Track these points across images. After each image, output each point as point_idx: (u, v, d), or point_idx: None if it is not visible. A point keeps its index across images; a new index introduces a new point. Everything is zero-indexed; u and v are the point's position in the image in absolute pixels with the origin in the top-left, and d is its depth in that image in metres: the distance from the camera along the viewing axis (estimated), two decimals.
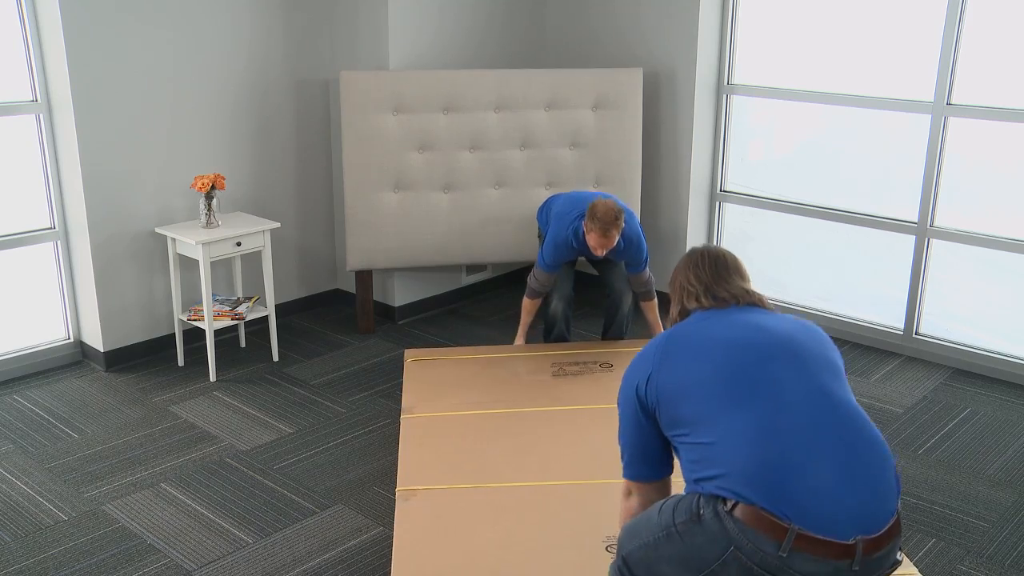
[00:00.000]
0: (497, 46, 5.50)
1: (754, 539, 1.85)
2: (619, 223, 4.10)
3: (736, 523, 1.88)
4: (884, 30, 4.82)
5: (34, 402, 4.33)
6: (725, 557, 1.90)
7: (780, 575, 1.85)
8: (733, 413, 1.97)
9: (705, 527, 1.94)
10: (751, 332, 2.14)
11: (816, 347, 2.15)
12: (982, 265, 4.73)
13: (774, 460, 1.90)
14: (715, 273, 2.34)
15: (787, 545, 1.83)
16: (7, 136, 4.38)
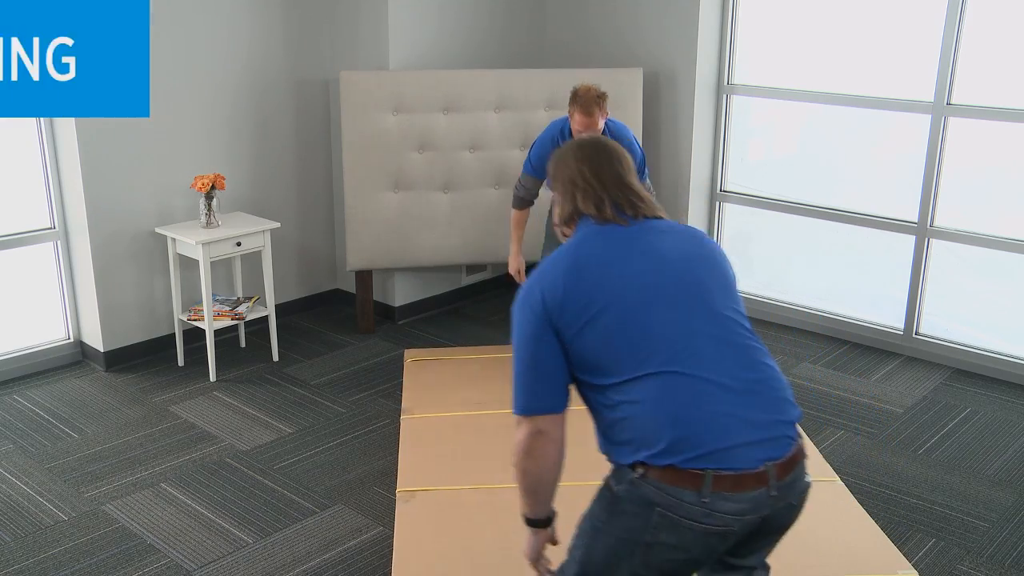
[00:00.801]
0: (497, 46, 5.50)
1: (674, 494, 1.88)
2: (602, 104, 3.93)
3: (652, 484, 1.90)
4: (884, 30, 4.82)
5: (34, 402, 4.33)
6: (653, 521, 1.91)
7: (707, 520, 1.88)
8: (635, 369, 1.94)
9: (625, 503, 1.96)
10: (652, 270, 2.03)
11: (711, 276, 2.09)
12: (982, 265, 4.73)
13: (679, 416, 1.90)
14: (612, 172, 2.15)
15: (707, 490, 1.86)
16: (7, 136, 4.38)
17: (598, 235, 2.09)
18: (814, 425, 4.17)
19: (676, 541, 1.91)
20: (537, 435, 2.03)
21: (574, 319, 1.98)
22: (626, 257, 2.04)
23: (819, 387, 4.57)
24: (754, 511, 1.91)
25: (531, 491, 2.11)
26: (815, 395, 4.48)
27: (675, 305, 2.00)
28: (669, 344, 1.95)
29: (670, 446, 1.88)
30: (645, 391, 1.92)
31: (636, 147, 4.14)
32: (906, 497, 3.63)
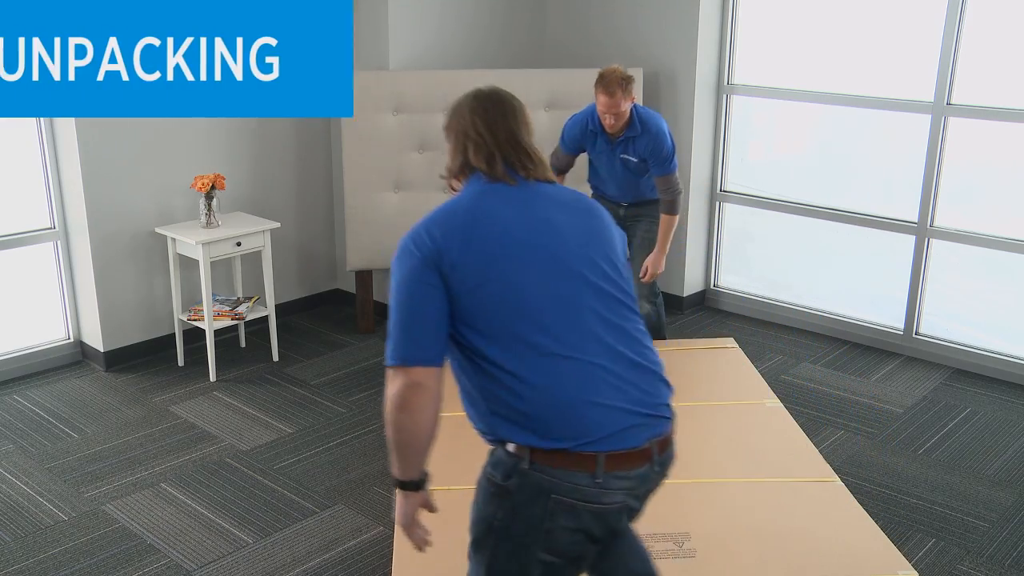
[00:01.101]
0: (497, 46, 5.50)
1: (568, 478, 1.90)
2: (625, 86, 3.96)
3: (544, 472, 1.91)
4: (884, 30, 4.82)
5: (34, 402, 4.33)
6: (549, 508, 1.92)
7: (602, 500, 1.92)
8: (523, 343, 1.93)
9: (517, 496, 1.96)
10: (549, 242, 2.00)
11: (602, 253, 2.06)
12: (982, 265, 4.73)
13: (570, 403, 1.91)
14: (506, 128, 2.09)
15: (600, 470, 1.90)
16: (7, 136, 4.38)
17: (494, 194, 2.05)
18: (814, 425, 4.17)
19: (575, 524, 1.94)
20: (414, 388, 1.92)
21: (468, 275, 1.93)
22: (524, 224, 2.00)
23: (819, 387, 4.57)
24: (643, 486, 1.99)
25: (403, 449, 2.00)
26: (815, 395, 4.48)
27: (568, 281, 1.98)
28: (560, 322, 1.94)
29: (561, 433, 1.89)
30: (534, 371, 1.92)
31: (666, 139, 4.14)
32: (906, 497, 3.63)
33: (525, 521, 1.96)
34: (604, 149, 4.25)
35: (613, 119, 4.05)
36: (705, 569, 2.94)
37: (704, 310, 5.57)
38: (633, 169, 4.24)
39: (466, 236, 1.95)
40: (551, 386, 1.91)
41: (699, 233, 5.49)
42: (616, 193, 4.41)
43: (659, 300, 4.55)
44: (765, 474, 3.51)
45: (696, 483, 3.45)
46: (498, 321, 1.93)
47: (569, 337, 1.94)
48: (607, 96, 3.96)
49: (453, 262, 1.93)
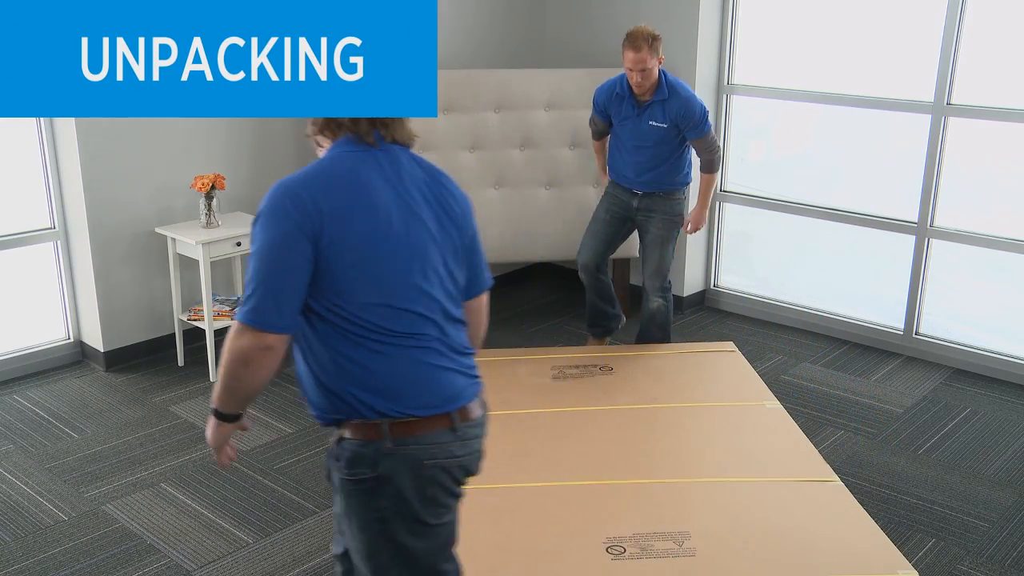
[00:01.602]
0: (497, 46, 5.50)
1: (433, 439, 2.03)
2: (652, 42, 4.06)
3: (411, 443, 2.01)
4: (884, 30, 4.82)
5: (34, 402, 4.33)
6: (425, 477, 2.03)
7: (462, 451, 2.08)
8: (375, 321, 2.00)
9: (396, 477, 2.01)
10: (412, 229, 2.05)
11: (452, 238, 2.13)
12: (982, 265, 4.73)
13: (417, 383, 2.02)
14: None
15: (458, 423, 2.06)
16: (7, 136, 4.38)
17: (367, 165, 2.07)
18: (814, 425, 4.17)
19: (447, 481, 2.08)
20: (265, 350, 1.95)
21: (344, 254, 1.96)
22: (398, 209, 2.04)
23: (819, 387, 4.57)
24: (484, 434, 2.17)
25: (234, 392, 2.05)
26: (815, 395, 4.48)
27: (425, 276, 2.05)
28: (410, 312, 2.02)
29: (415, 405, 2.01)
30: (380, 353, 1.99)
31: (696, 102, 4.22)
32: (906, 497, 3.63)
33: (411, 497, 2.02)
34: (630, 115, 4.28)
35: (640, 76, 4.10)
36: (705, 569, 2.94)
37: (704, 310, 5.57)
38: (659, 139, 4.26)
39: (348, 214, 1.97)
40: (396, 371, 2.01)
41: (699, 233, 5.49)
42: (632, 174, 4.40)
43: (669, 296, 4.57)
44: (765, 474, 3.52)
45: (696, 483, 3.46)
46: (357, 302, 1.97)
47: (416, 321, 2.03)
48: (633, 51, 4.04)
49: (332, 238, 1.95)
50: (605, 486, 3.41)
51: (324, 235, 1.94)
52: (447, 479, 2.08)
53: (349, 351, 1.99)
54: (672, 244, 4.48)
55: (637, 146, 4.33)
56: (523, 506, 3.29)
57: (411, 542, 2.07)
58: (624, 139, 4.38)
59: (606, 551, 3.01)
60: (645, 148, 4.31)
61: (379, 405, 1.99)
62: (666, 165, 4.33)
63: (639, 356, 4.54)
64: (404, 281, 2.02)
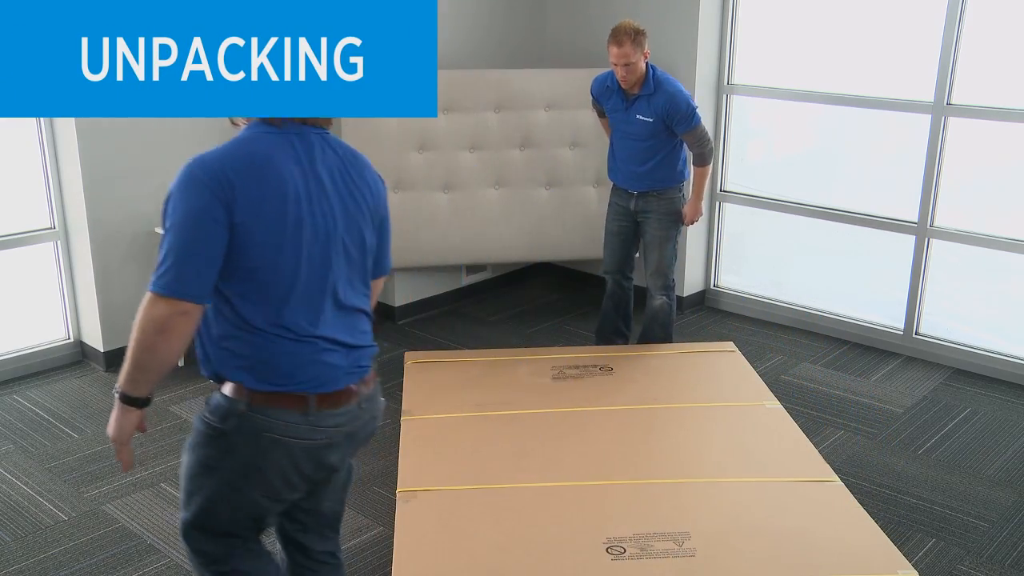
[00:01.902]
0: (497, 46, 5.50)
1: (282, 416, 2.08)
2: (635, 37, 4.10)
3: (260, 412, 2.08)
4: (884, 30, 4.82)
5: (34, 402, 4.33)
6: (263, 446, 2.08)
7: (313, 436, 2.12)
8: (269, 303, 2.06)
9: (235, 437, 2.09)
10: (320, 219, 2.11)
11: (362, 230, 2.20)
12: (982, 265, 4.73)
13: (295, 366, 2.09)
14: None
15: (312, 409, 2.10)
16: (7, 136, 4.38)
17: (281, 148, 2.10)
18: (814, 425, 4.17)
19: (288, 460, 2.11)
20: (182, 315, 1.98)
21: (253, 235, 2.02)
22: (309, 196, 2.09)
23: (819, 387, 4.57)
24: (350, 423, 2.19)
25: (146, 369, 2.07)
26: (815, 395, 4.48)
27: (326, 265, 2.11)
28: (306, 302, 2.09)
29: (274, 381, 2.07)
30: (269, 335, 2.06)
31: (681, 97, 4.24)
32: (906, 497, 3.63)
33: (242, 461, 2.10)
34: (619, 107, 4.35)
35: (624, 71, 4.16)
36: (705, 569, 2.94)
37: (704, 310, 5.57)
38: (647, 133, 4.29)
39: (258, 196, 2.02)
40: (280, 354, 2.08)
41: (699, 233, 5.49)
42: (626, 173, 4.45)
43: (672, 295, 4.58)
44: (765, 474, 3.52)
45: (696, 483, 3.46)
46: (255, 284, 2.04)
47: (309, 315, 2.10)
48: (616, 46, 4.11)
49: (244, 219, 2.00)
50: (605, 486, 3.41)
51: (236, 212, 1.99)
52: (284, 459, 2.11)
53: (227, 326, 2.08)
54: (672, 243, 4.49)
55: (627, 139, 4.38)
56: (523, 506, 3.29)
57: (218, 501, 2.16)
58: (616, 132, 4.45)
59: (606, 551, 3.01)
60: (634, 141, 4.35)
61: (247, 381, 2.08)
62: (657, 160, 4.35)
63: (639, 356, 4.55)
64: (305, 268, 2.08)
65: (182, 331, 2.00)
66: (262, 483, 2.13)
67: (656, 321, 4.62)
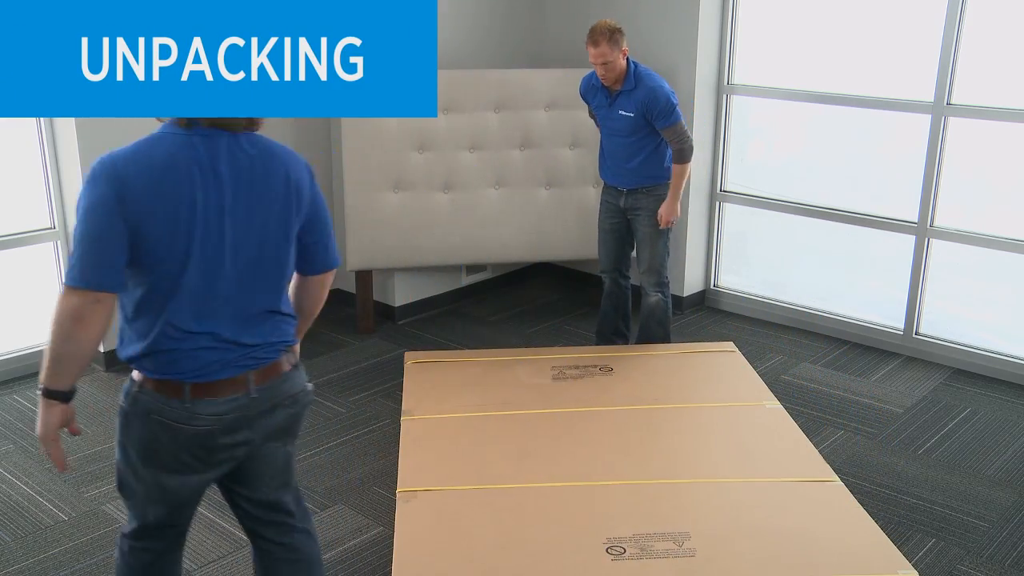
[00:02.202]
0: (497, 46, 5.50)
1: (163, 401, 2.19)
2: (610, 36, 4.12)
3: (147, 394, 2.21)
4: (884, 30, 4.82)
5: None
6: (151, 427, 2.21)
7: (192, 422, 2.20)
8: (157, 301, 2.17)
9: (131, 416, 2.24)
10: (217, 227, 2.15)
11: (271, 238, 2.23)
12: (982, 265, 4.73)
13: (177, 362, 2.19)
14: None
15: (187, 397, 2.19)
16: (7, 136, 4.38)
17: (182, 145, 2.15)
18: (814, 425, 4.17)
19: (172, 442, 2.21)
20: (95, 303, 2.08)
21: (148, 234, 2.10)
22: (207, 205, 2.14)
23: (819, 387, 4.57)
24: (238, 411, 2.24)
25: (65, 359, 2.12)
26: (815, 395, 4.48)
27: (217, 256, 2.16)
28: (192, 294, 2.16)
29: (163, 370, 2.19)
30: (155, 328, 2.18)
31: (661, 92, 4.25)
32: (906, 497, 3.63)
33: (138, 438, 2.24)
34: (603, 104, 4.39)
35: (603, 70, 4.21)
36: (705, 569, 2.94)
37: (704, 310, 5.57)
38: (630, 128, 4.32)
39: (151, 196, 2.09)
40: (166, 351, 2.19)
41: (699, 233, 5.49)
42: (615, 170, 4.48)
43: (667, 291, 4.58)
44: (765, 474, 3.52)
45: (696, 483, 3.46)
46: (145, 278, 2.15)
47: (194, 313, 2.17)
48: (593, 46, 4.15)
49: (135, 215, 2.08)
50: (605, 486, 3.41)
51: (127, 206, 2.08)
52: (170, 440, 2.22)
53: (131, 318, 2.21)
54: (664, 239, 4.49)
55: (613, 136, 4.42)
56: (523, 506, 3.29)
57: (130, 478, 2.30)
58: (603, 130, 4.48)
59: (606, 551, 3.01)
60: (620, 138, 4.38)
61: (140, 366, 2.23)
62: (643, 156, 4.37)
63: (639, 356, 4.55)
64: (193, 270, 2.14)
65: (96, 319, 2.09)
66: (157, 460, 2.24)
67: (653, 318, 4.63)
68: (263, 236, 2.22)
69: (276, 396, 2.30)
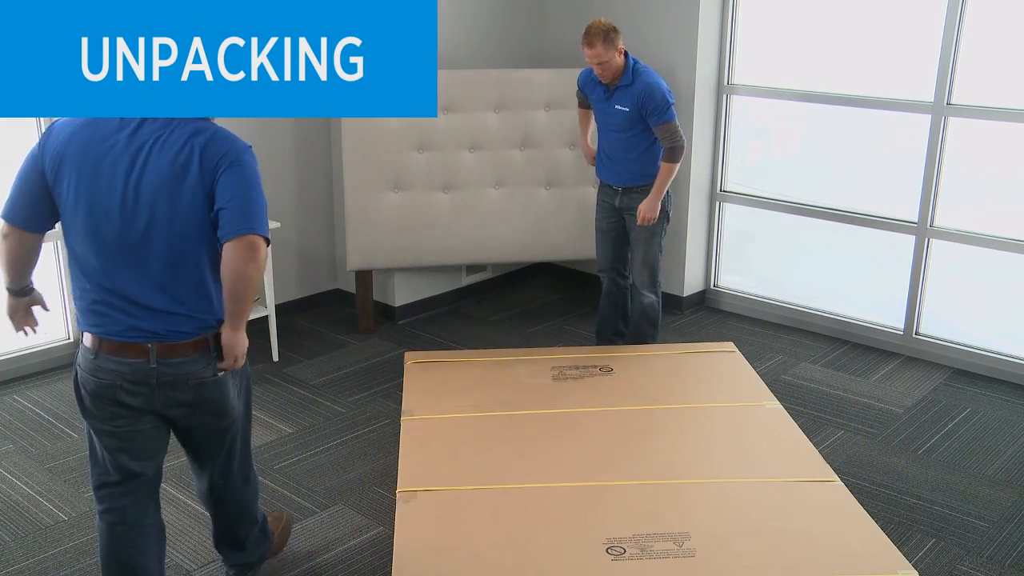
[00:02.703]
0: (497, 46, 5.50)
1: (82, 351, 2.55)
2: (605, 37, 4.13)
3: (77, 344, 2.59)
4: (884, 30, 4.82)
5: (34, 402, 4.33)
6: (77, 373, 2.58)
7: (97, 374, 2.50)
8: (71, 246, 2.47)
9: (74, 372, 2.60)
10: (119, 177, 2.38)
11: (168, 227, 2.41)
12: (982, 265, 4.73)
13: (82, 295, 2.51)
14: None
15: (95, 349, 2.50)
16: (7, 136, 4.37)
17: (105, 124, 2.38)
18: (814, 425, 4.17)
19: (83, 390, 2.56)
20: (8, 234, 2.47)
21: (62, 186, 2.42)
22: (116, 160, 2.37)
23: (819, 387, 4.57)
24: (134, 375, 2.49)
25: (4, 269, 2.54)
26: (815, 395, 4.48)
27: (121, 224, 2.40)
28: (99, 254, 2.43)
29: (82, 320, 2.54)
30: (79, 282, 2.51)
31: (658, 89, 4.26)
32: (906, 497, 3.63)
33: (73, 382, 2.62)
34: (601, 97, 4.40)
35: (600, 69, 4.24)
36: (705, 569, 2.94)
37: (704, 310, 5.57)
38: (625, 124, 4.32)
39: (63, 160, 2.40)
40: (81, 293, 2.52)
41: (699, 233, 5.49)
42: (610, 167, 4.49)
43: (659, 292, 4.58)
44: (765, 474, 3.52)
45: (696, 483, 3.46)
46: (69, 237, 2.47)
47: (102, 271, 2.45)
48: (588, 47, 4.18)
49: (49, 173, 2.43)
50: (605, 487, 3.41)
51: (44, 163, 2.42)
52: (82, 388, 2.57)
53: (73, 272, 2.52)
54: (658, 239, 4.49)
55: (609, 131, 4.43)
56: (523, 506, 3.29)
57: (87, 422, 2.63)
58: (599, 125, 4.50)
59: (606, 552, 3.01)
60: (616, 132, 4.39)
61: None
62: (638, 152, 4.37)
63: (639, 357, 4.55)
64: (92, 235, 2.40)
65: (9, 247, 2.48)
66: (87, 411, 2.58)
67: (645, 319, 4.62)
68: (165, 209, 2.40)
69: (178, 371, 2.51)
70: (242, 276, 2.40)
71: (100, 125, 2.38)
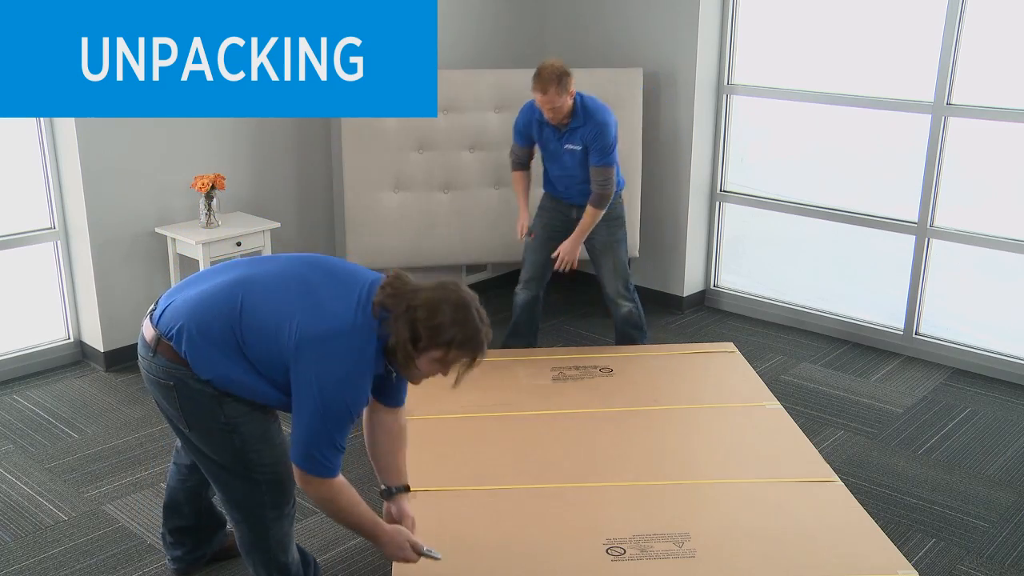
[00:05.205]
0: (497, 46, 5.50)
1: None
2: (559, 82, 4.00)
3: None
4: (884, 30, 4.82)
5: (34, 402, 4.33)
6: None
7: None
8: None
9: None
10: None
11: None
12: (982, 265, 4.73)
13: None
14: None
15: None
16: (7, 136, 4.38)
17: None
18: (814, 425, 4.17)
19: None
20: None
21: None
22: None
23: (819, 387, 4.57)
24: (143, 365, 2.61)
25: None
26: (815, 395, 4.48)
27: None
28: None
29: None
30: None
31: (608, 130, 4.17)
32: (906, 497, 3.63)
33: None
34: (551, 138, 4.30)
35: (552, 113, 4.14)
36: (705, 569, 2.94)
37: (704, 310, 5.57)
38: (579, 161, 4.26)
39: None
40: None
41: (699, 233, 5.49)
42: (564, 192, 4.42)
43: (635, 296, 4.55)
44: (765, 474, 3.52)
45: (696, 483, 3.46)
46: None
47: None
48: (540, 93, 4.07)
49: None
50: (605, 487, 3.41)
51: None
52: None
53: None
54: (623, 246, 4.46)
55: (562, 167, 4.33)
56: (523, 507, 3.29)
57: None
58: (548, 160, 4.39)
59: (606, 552, 3.01)
60: (569, 168, 4.30)
61: None
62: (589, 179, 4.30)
63: (639, 357, 4.54)
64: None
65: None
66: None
67: (629, 324, 4.58)
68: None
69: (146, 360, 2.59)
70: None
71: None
